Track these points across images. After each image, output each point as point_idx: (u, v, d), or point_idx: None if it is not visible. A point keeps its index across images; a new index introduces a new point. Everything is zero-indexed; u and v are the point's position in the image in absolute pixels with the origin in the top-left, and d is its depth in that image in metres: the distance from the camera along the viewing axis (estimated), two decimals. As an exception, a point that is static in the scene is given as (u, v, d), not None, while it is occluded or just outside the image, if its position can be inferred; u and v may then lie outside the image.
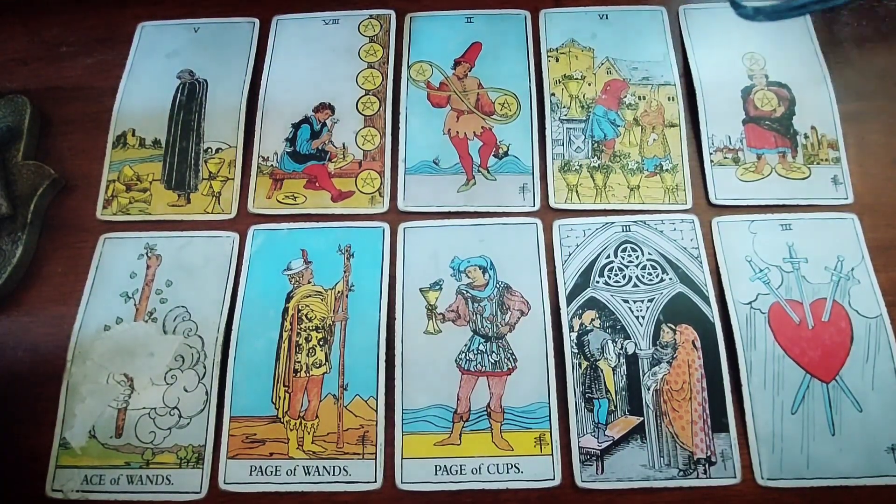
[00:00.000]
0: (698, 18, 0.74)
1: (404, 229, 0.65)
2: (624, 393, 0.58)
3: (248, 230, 0.66)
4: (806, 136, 0.68)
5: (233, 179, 0.69)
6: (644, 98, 0.70)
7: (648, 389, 0.58)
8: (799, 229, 0.64)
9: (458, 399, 0.59)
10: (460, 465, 0.56)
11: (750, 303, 0.61)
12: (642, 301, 0.61)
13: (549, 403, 0.58)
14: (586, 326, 0.61)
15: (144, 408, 0.59)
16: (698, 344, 0.59)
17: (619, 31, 0.74)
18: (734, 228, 0.64)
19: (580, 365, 0.59)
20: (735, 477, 0.55)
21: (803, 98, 0.69)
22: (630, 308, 0.61)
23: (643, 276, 0.62)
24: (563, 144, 0.68)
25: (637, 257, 0.63)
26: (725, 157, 0.67)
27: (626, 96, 0.70)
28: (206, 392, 0.59)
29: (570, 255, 0.64)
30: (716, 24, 0.73)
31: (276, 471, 0.57)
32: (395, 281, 0.63)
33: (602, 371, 0.59)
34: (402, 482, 0.56)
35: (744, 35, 0.72)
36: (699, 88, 0.70)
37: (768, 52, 0.71)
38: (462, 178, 0.67)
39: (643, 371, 0.59)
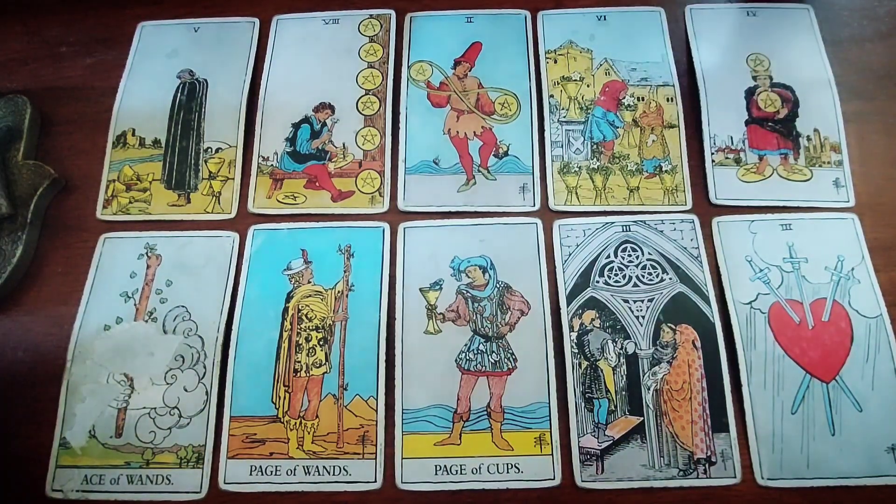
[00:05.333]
0: (704, 18, 0.74)
1: (404, 229, 0.65)
2: (624, 393, 0.58)
3: (248, 230, 0.66)
4: (809, 139, 0.68)
5: (233, 179, 0.69)
6: (643, 99, 0.70)
7: (648, 389, 0.58)
8: (799, 229, 0.64)
9: (458, 399, 0.59)
10: (460, 465, 0.56)
11: (750, 303, 0.61)
12: (642, 301, 0.61)
13: (549, 403, 0.58)
14: (586, 326, 0.60)
15: (144, 407, 0.59)
16: (698, 344, 0.59)
17: (618, 32, 0.74)
18: (734, 228, 0.64)
19: (580, 365, 0.59)
20: (735, 477, 0.55)
21: (807, 100, 0.69)
22: (630, 308, 0.61)
23: (643, 276, 0.62)
24: (562, 146, 0.68)
25: (637, 257, 0.63)
26: (727, 158, 0.67)
27: (624, 97, 0.70)
28: (206, 392, 0.59)
29: (570, 254, 0.63)
30: (721, 25, 0.73)
31: (276, 471, 0.57)
32: (395, 281, 0.63)
33: (602, 371, 0.59)
34: (402, 482, 0.56)
35: (749, 36, 0.72)
36: (703, 88, 0.70)
37: (773, 54, 0.71)
38: (462, 178, 0.67)
39: (643, 371, 0.59)
